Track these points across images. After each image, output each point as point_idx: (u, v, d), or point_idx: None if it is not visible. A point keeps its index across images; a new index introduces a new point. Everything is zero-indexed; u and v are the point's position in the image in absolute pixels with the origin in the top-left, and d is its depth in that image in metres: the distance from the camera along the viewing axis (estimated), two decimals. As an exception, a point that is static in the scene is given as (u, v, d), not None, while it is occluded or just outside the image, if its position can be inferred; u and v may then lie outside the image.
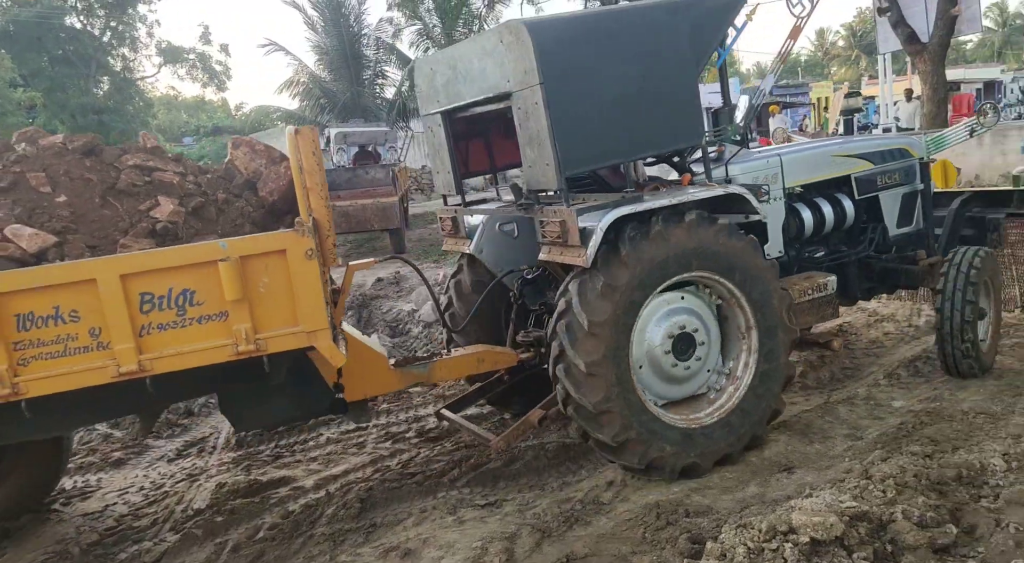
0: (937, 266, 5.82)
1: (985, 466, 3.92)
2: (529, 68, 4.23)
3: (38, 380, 3.53)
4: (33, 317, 3.49)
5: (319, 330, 3.88)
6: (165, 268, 3.64)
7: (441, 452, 5.38)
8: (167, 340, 3.68)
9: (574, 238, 4.32)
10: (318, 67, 28.01)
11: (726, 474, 4.58)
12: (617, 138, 4.54)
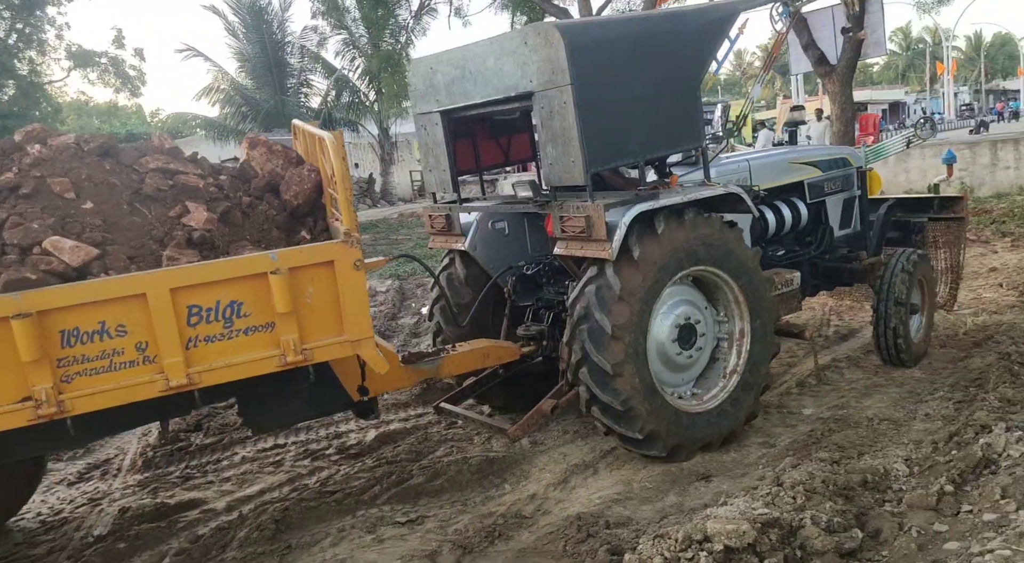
0: (877, 265, 6.33)
1: (889, 471, 4.08)
2: (559, 69, 4.44)
3: (84, 397, 3.42)
4: (78, 333, 3.38)
5: (364, 339, 3.91)
6: (216, 281, 3.58)
7: (362, 469, 5.25)
8: (214, 352, 3.63)
9: (600, 232, 4.49)
10: (239, 74, 27.32)
11: (646, 484, 4.63)
12: (635, 138, 4.82)
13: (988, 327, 6.81)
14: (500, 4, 21.23)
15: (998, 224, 12.17)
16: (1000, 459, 3.90)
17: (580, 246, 4.66)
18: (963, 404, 5.04)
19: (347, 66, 28.95)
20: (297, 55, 27.58)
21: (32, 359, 3.25)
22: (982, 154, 16.87)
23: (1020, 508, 3.28)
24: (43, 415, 3.33)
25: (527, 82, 4.66)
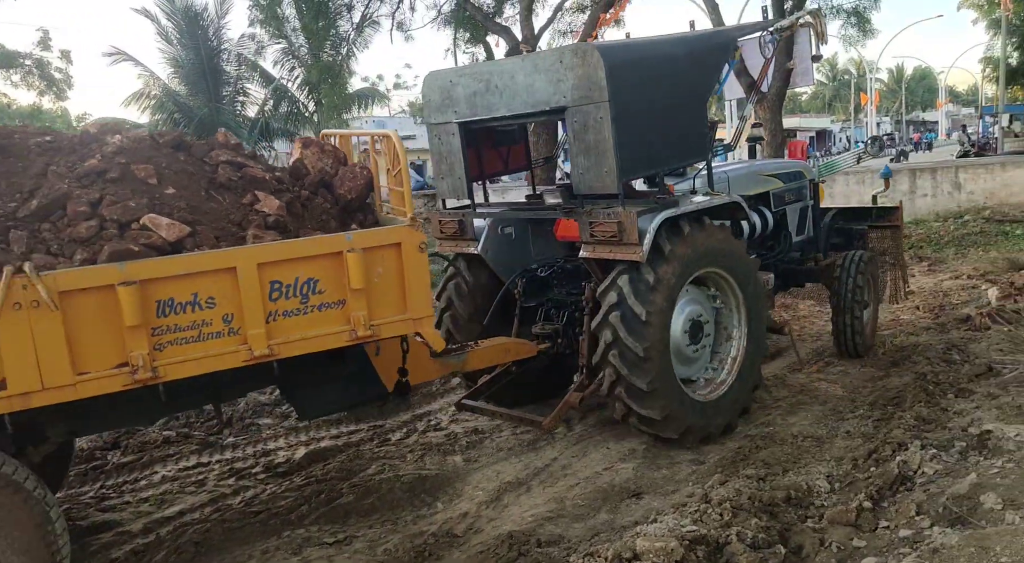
0: (832, 266, 7.02)
1: (811, 487, 4.19)
2: (596, 86, 4.85)
3: (175, 364, 3.58)
4: (172, 303, 3.57)
5: (425, 317, 4.26)
6: (297, 258, 3.86)
7: (289, 488, 5.10)
8: (291, 326, 3.86)
9: (632, 237, 4.91)
10: (172, 80, 26.56)
11: (578, 502, 4.64)
12: (659, 150, 5.34)
13: (905, 348, 7.09)
14: (443, 20, 21.28)
15: (916, 249, 12.75)
16: (915, 476, 4.06)
17: (609, 250, 5.06)
18: (881, 422, 5.22)
19: (286, 76, 28.46)
20: (234, 63, 26.93)
21: (133, 324, 3.43)
22: (901, 182, 17.69)
23: (934, 524, 3.41)
24: (139, 380, 3.49)
25: (560, 97, 5.05)
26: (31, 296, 3.23)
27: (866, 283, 6.98)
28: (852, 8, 19.65)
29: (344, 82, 23.63)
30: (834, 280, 6.91)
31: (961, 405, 5.13)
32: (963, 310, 8.19)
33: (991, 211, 16.22)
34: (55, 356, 3.32)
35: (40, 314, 3.27)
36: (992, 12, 32.39)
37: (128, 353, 3.47)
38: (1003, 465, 3.80)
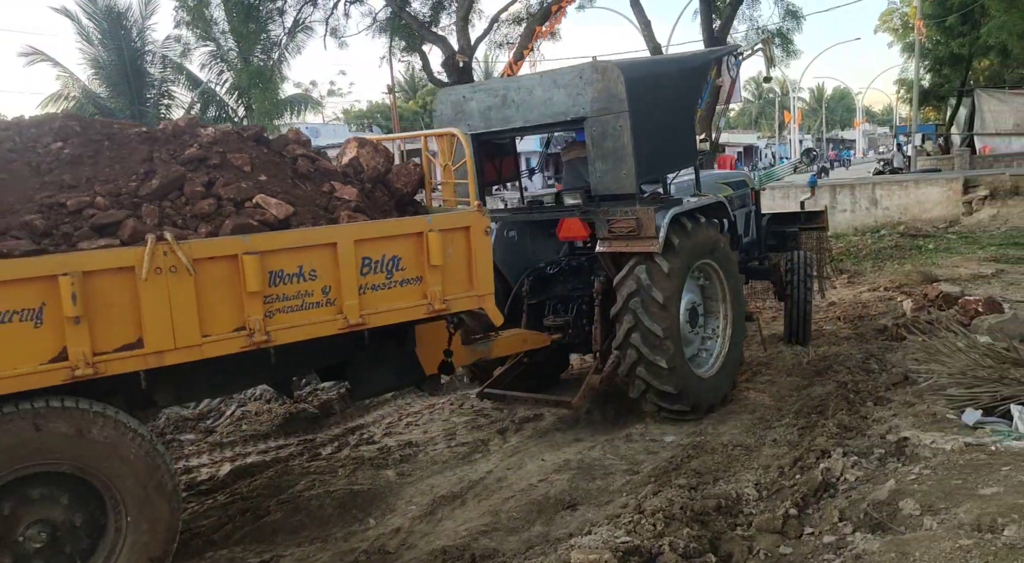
0: (781, 265, 7.81)
1: (740, 495, 4.27)
2: (616, 98, 5.52)
3: (283, 330, 3.96)
4: (283, 274, 3.96)
5: (487, 294, 4.80)
6: (386, 236, 4.35)
7: (213, 506, 4.92)
8: (378, 299, 4.32)
9: (649, 231, 5.52)
10: (92, 82, 25.54)
11: (513, 514, 4.61)
12: (664, 156, 6.04)
13: (828, 357, 7.33)
14: (378, 28, 21.09)
15: (836, 262, 13.25)
16: (838, 483, 4.18)
17: (626, 244, 5.67)
18: (806, 430, 5.37)
19: (214, 79, 27.71)
20: (159, 65, 26.12)
21: (253, 291, 3.81)
22: (822, 197, 18.37)
23: (856, 530, 3.52)
24: (255, 342, 3.85)
25: (579, 109, 5.69)
26: (170, 262, 3.58)
27: (802, 282, 7.81)
28: (777, 30, 20.44)
29: (276, 87, 23.11)
30: (786, 277, 7.70)
31: (880, 413, 5.32)
32: (881, 321, 8.53)
33: (905, 226, 17.01)
34: (186, 318, 3.66)
35: (177, 279, 3.62)
36: (906, 36, 34.15)
37: (246, 318, 3.84)
38: (920, 472, 3.96)
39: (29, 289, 3.31)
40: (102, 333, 3.49)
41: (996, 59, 32.89)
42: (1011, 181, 16.66)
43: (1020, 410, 4.56)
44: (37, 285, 3.33)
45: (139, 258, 3.51)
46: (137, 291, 3.53)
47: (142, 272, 3.50)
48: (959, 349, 5.54)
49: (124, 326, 3.55)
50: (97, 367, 3.46)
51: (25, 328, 3.32)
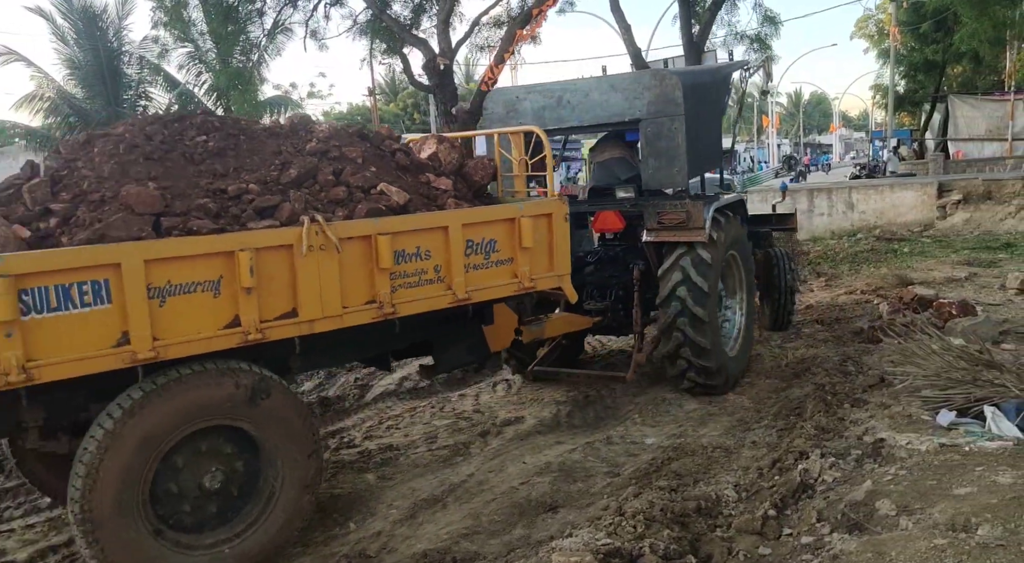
0: (766, 260, 8.34)
1: (720, 497, 4.30)
2: (673, 102, 6.16)
3: (404, 303, 4.51)
4: (405, 254, 4.48)
5: (565, 274, 5.43)
6: (486, 221, 4.91)
7: (191, 512, 4.85)
8: (478, 278, 4.87)
9: (698, 222, 6.15)
10: (68, 82, 25.18)
11: (495, 517, 4.60)
12: (704, 156, 6.72)
13: (806, 359, 7.40)
14: (358, 30, 21.01)
15: (814, 265, 13.40)
16: (816, 484, 4.22)
17: (674, 234, 6.26)
18: (785, 432, 5.42)
19: (192, 80, 27.43)
20: (136, 66, 25.79)
21: (384, 268, 4.34)
22: (800, 201, 18.59)
23: (834, 531, 3.56)
24: (384, 314, 4.39)
25: (636, 111, 6.31)
26: (320, 241, 4.07)
27: (784, 276, 8.34)
28: (755, 35, 20.64)
29: (255, 89, 22.92)
30: (772, 271, 8.28)
31: (857, 414, 5.38)
32: (857, 324, 8.63)
33: (881, 230, 17.24)
34: (332, 291, 4.19)
35: (326, 256, 4.13)
36: (882, 42, 34.65)
37: (376, 292, 4.38)
38: (896, 472, 4.01)
39: (211, 263, 3.80)
40: (266, 303, 3.99)
41: (969, 65, 33.46)
42: (984, 186, 16.95)
43: (993, 411, 4.64)
44: (218, 260, 3.81)
45: (298, 237, 4.01)
46: (294, 266, 4.05)
47: (302, 249, 4.01)
48: (934, 351, 5.61)
49: (283, 297, 4.06)
50: (264, 333, 3.98)
51: (206, 297, 3.81)
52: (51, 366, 3.40)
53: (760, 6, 20.23)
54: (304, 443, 4.19)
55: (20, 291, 3.30)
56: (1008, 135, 28.44)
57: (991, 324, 7.53)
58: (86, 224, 3.75)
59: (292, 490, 4.16)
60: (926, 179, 20.49)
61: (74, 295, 3.43)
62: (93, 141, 4.34)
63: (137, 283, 3.56)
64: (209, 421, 3.89)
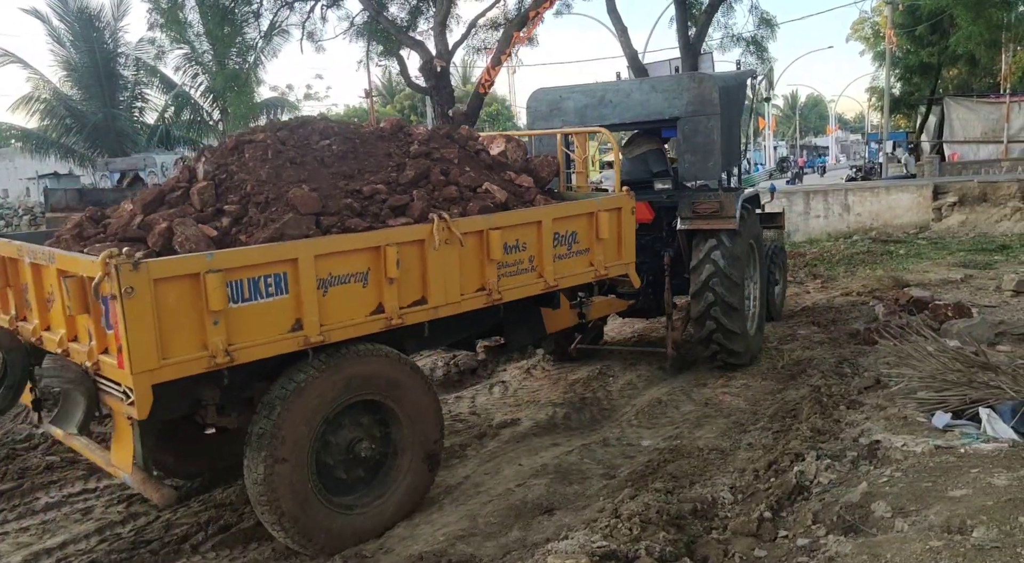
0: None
1: (716, 499, 4.29)
2: (710, 103, 6.86)
3: (507, 290, 5.07)
4: (507, 246, 4.99)
5: (631, 262, 6.06)
6: (571, 215, 5.49)
7: (185, 514, 4.84)
8: (562, 267, 5.44)
9: (730, 211, 6.78)
10: (64, 84, 25.16)
11: (491, 519, 4.59)
12: (730, 154, 7.43)
13: (802, 362, 7.41)
14: (355, 32, 21.01)
15: (810, 267, 13.40)
16: (812, 485, 4.22)
17: (707, 222, 6.86)
18: (780, 433, 5.42)
19: (188, 82, 27.44)
20: (132, 67, 25.80)
21: (494, 259, 4.89)
22: (797, 203, 18.61)
23: (829, 533, 3.55)
24: (492, 300, 4.95)
25: (674, 110, 6.99)
26: (446, 235, 4.56)
27: (776, 268, 9.01)
28: (751, 38, 20.66)
29: (251, 91, 22.90)
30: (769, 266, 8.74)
31: (852, 416, 5.38)
32: (853, 325, 8.64)
33: (877, 232, 17.26)
34: (453, 280, 4.71)
35: (450, 250, 4.63)
36: (878, 45, 34.73)
37: (486, 280, 4.92)
38: (891, 474, 4.01)
39: (362, 257, 4.30)
40: (403, 292, 4.49)
41: (964, 68, 33.56)
42: (979, 188, 16.98)
43: (988, 413, 4.64)
44: (367, 254, 4.31)
45: (430, 233, 4.51)
46: (425, 258, 4.55)
47: (434, 243, 4.51)
48: (929, 353, 5.62)
49: (415, 286, 4.58)
50: (404, 318, 4.50)
51: (357, 288, 4.30)
52: (246, 349, 3.86)
53: (756, 8, 20.28)
54: (430, 416, 4.71)
55: (226, 284, 3.75)
56: (1004, 137, 28.50)
57: (987, 326, 7.54)
58: (260, 224, 4.18)
59: (420, 458, 4.68)
60: (922, 181, 20.52)
61: (261, 287, 3.91)
62: (241, 147, 4.69)
63: (309, 276, 4.04)
64: (360, 396, 4.37)
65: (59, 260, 3.95)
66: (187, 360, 3.66)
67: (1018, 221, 15.90)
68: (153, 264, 3.56)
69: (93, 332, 3.75)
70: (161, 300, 3.55)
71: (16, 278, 4.52)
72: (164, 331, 3.57)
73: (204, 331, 3.70)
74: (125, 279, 3.41)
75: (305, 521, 4.09)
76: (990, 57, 31.42)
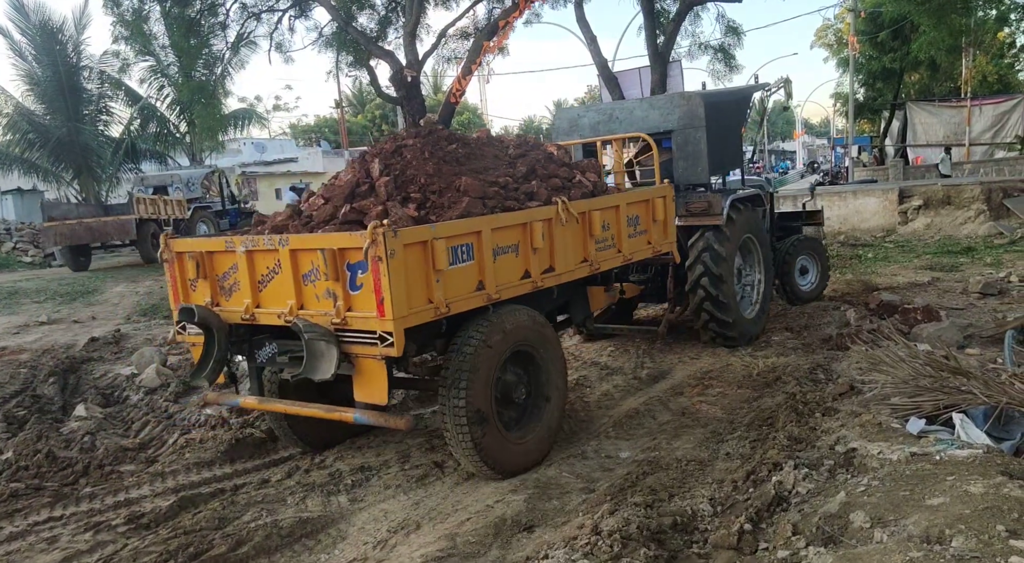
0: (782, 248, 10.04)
1: (696, 512, 4.26)
2: (697, 117, 8.12)
3: (601, 261, 6.26)
4: (604, 225, 6.20)
5: (673, 242, 7.31)
6: (636, 201, 6.75)
7: (155, 541, 4.70)
8: (630, 245, 6.65)
9: (717, 209, 7.93)
10: (27, 98, 24.65)
11: (470, 539, 4.52)
12: (722, 159, 8.57)
13: (777, 368, 7.43)
14: (324, 42, 20.87)
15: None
16: (791, 496, 4.21)
17: (699, 219, 7.99)
18: (758, 443, 5.41)
19: (154, 94, 27.05)
20: (96, 80, 25.34)
21: (594, 235, 6.06)
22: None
23: (809, 544, 3.53)
24: (593, 270, 6.16)
25: (669, 124, 8.27)
26: (564, 215, 5.68)
27: (798, 255, 10.10)
28: (719, 45, 20.89)
29: (218, 103, 22.62)
30: (779, 254, 9.90)
31: (828, 423, 5.38)
32: (826, 331, 8.71)
33: (846, 236, 17.49)
34: (571, 252, 5.87)
35: (568, 226, 5.79)
36: (841, 51, 35.30)
37: (588, 253, 6.08)
38: (868, 483, 4.01)
39: (515, 231, 5.35)
40: (539, 261, 5.55)
41: (926, 73, 34.23)
42: (943, 191, 17.29)
43: (961, 418, 4.67)
44: (518, 229, 5.37)
45: (556, 212, 5.63)
46: (552, 234, 5.62)
47: (561, 220, 5.66)
48: (901, 359, 5.66)
49: (546, 257, 5.64)
50: (544, 282, 5.62)
51: (511, 257, 5.35)
52: (454, 302, 4.90)
53: (723, 17, 20.53)
54: (561, 361, 5.82)
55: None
56: (965, 140, 29.10)
57: (956, 329, 7.64)
58: (444, 206, 5.18)
59: (558, 396, 5.74)
60: (887, 185, 20.84)
61: (460, 254, 4.93)
62: (400, 150, 5.68)
63: (488, 245, 5.08)
64: (518, 345, 5.32)
65: (295, 241, 4.82)
66: (423, 310, 4.68)
67: (982, 223, 16.21)
68: (404, 231, 4.54)
69: (340, 295, 4.62)
70: (408, 261, 4.53)
71: (212, 269, 5.31)
72: (409, 286, 4.54)
73: (431, 287, 4.72)
74: (390, 243, 4.36)
75: (488, 443, 5.09)
76: (951, 62, 32.10)
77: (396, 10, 20.30)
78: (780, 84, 10.09)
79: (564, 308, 6.82)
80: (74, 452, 6.34)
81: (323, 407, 5.29)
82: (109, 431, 6.92)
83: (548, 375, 5.61)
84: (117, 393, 7.96)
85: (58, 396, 7.84)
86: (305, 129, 70.75)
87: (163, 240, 5.49)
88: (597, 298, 7.21)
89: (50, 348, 9.34)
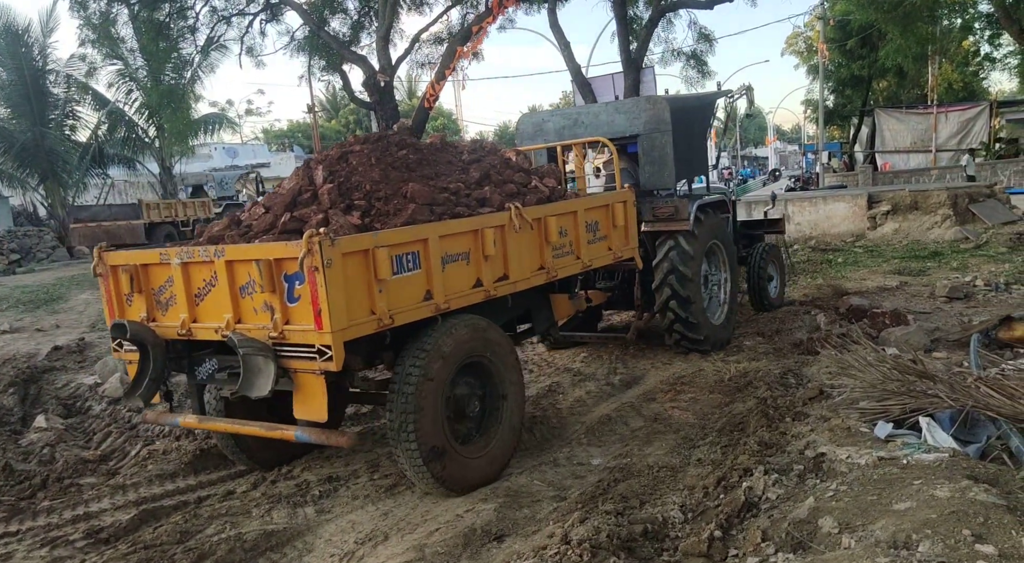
0: (749, 255, 10.14)
1: (667, 519, 4.23)
2: (663, 121, 8.01)
3: (559, 268, 6.11)
4: (561, 231, 6.03)
5: (635, 247, 7.25)
6: (594, 207, 6.60)
7: (113, 556, 4.57)
8: (590, 250, 6.49)
9: (684, 214, 7.85)
10: (-10, 102, 24.16)
11: (438, 549, 4.45)
12: (688, 164, 8.46)
13: (748, 373, 7.44)
14: (296, 47, 20.69)
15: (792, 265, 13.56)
16: (761, 502, 4.20)
17: (666, 224, 7.89)
18: (729, 448, 5.40)
19: (122, 99, 26.64)
20: (63, 84, 24.91)
21: (551, 241, 5.92)
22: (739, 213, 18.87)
23: (779, 550, 3.52)
24: (550, 277, 5.98)
25: (635, 128, 8.15)
26: (518, 222, 5.53)
27: (767, 264, 10.15)
28: (691, 52, 21.05)
29: (188, 107, 22.32)
30: (749, 263, 10.00)
31: (798, 428, 5.39)
32: (796, 335, 8.75)
33: (816, 241, 17.67)
34: (524, 259, 5.71)
35: (523, 233, 5.63)
36: (811, 58, 35.83)
37: (544, 260, 5.92)
38: (837, 488, 4.01)
39: (467, 238, 5.18)
40: (492, 269, 5.37)
41: (894, 80, 34.85)
42: (911, 197, 17.53)
43: (928, 422, 4.70)
44: (470, 236, 5.20)
45: (508, 218, 5.47)
46: (506, 240, 5.46)
47: (514, 227, 5.49)
48: (869, 363, 5.69)
49: (499, 264, 5.48)
50: (497, 290, 5.44)
51: (462, 266, 5.16)
52: (399, 313, 4.69)
53: (695, 24, 20.72)
54: (512, 356, 5.62)
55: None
56: (932, 147, 29.61)
57: (923, 333, 7.72)
58: (389, 213, 5.02)
59: (515, 392, 5.58)
60: (856, 190, 21.11)
61: (405, 262, 4.72)
62: (346, 156, 5.53)
63: (436, 253, 4.90)
64: (463, 361, 5.10)
65: (231, 252, 4.59)
66: (364, 322, 4.48)
67: (948, 228, 16.46)
68: (342, 240, 4.31)
69: (277, 307, 4.43)
70: (347, 271, 4.33)
71: (147, 282, 5.06)
72: (349, 297, 4.34)
73: (373, 298, 4.52)
74: (327, 253, 4.15)
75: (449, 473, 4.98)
76: (917, 69, 32.66)
77: (369, 14, 20.19)
78: (742, 91, 10.13)
79: (525, 317, 6.67)
80: (32, 464, 6.17)
81: (264, 425, 5.01)
82: (70, 442, 6.76)
83: (500, 375, 5.46)
84: (79, 403, 7.78)
85: (18, 407, 7.64)
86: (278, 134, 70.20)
87: (96, 253, 5.21)
88: (561, 306, 7.04)
89: (11, 357, 9.11)
